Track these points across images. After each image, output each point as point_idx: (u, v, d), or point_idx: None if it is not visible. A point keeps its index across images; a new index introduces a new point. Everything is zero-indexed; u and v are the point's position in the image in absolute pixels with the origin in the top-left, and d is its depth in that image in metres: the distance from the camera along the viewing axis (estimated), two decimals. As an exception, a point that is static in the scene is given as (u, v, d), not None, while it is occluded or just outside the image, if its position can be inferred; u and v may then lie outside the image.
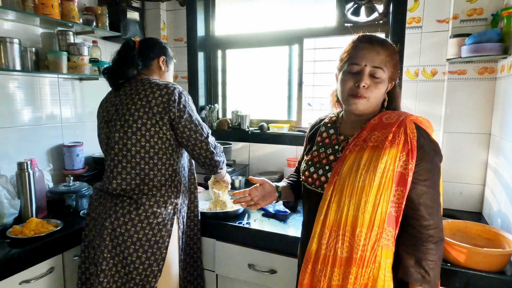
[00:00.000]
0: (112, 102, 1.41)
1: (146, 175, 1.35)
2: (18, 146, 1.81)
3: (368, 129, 1.02)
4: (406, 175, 0.94)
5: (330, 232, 0.99)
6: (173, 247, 1.41)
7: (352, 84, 1.00)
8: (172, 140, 1.37)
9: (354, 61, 1.00)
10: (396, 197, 0.96)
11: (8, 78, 1.75)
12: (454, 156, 1.76)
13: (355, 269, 0.95)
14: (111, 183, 1.35)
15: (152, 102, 1.31)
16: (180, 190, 1.44)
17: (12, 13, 1.62)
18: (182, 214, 1.46)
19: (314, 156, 1.13)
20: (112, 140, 1.36)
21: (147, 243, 1.32)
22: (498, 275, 1.17)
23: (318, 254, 1.01)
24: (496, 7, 1.60)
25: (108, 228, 1.31)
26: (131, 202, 1.33)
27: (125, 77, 1.39)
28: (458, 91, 1.72)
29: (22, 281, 1.34)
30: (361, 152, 0.99)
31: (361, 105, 1.01)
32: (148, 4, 2.47)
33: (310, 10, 2.29)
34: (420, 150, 0.95)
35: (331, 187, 1.01)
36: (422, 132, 0.98)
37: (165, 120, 1.33)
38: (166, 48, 1.52)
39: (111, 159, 1.37)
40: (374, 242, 0.95)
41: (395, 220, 0.97)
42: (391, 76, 1.02)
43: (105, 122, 1.41)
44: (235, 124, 2.45)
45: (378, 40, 1.01)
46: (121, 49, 1.45)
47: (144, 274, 1.33)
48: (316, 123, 1.23)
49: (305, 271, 1.03)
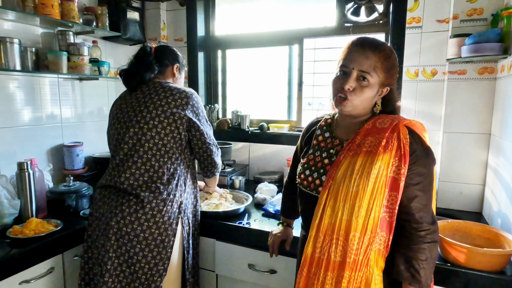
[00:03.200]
0: (127, 100, 1.46)
1: (155, 172, 1.37)
2: (18, 146, 1.81)
3: (362, 134, 1.02)
4: (399, 180, 0.95)
5: (325, 236, 1.01)
6: (176, 247, 1.42)
7: (339, 85, 1.02)
8: (184, 140, 1.43)
9: (344, 64, 1.02)
10: (389, 202, 0.97)
11: (8, 78, 1.75)
12: (454, 156, 1.76)
13: (348, 272, 0.96)
14: (120, 176, 1.37)
15: (172, 103, 1.40)
16: (185, 190, 1.46)
17: (12, 13, 1.62)
18: (187, 214, 1.47)
19: (310, 159, 1.14)
20: (126, 135, 1.40)
21: (153, 242, 1.33)
22: (498, 275, 1.17)
23: (313, 258, 1.03)
24: (496, 7, 1.60)
25: (114, 227, 1.32)
26: (137, 202, 1.34)
27: (142, 80, 1.46)
28: (458, 91, 1.72)
29: (22, 281, 1.34)
30: (355, 157, 1.00)
31: (345, 107, 1.02)
32: (148, 4, 2.47)
33: (310, 10, 2.29)
34: (412, 154, 0.96)
35: (325, 192, 1.02)
36: (415, 136, 0.99)
37: (184, 120, 1.41)
38: (179, 56, 1.62)
39: (123, 153, 1.40)
40: (367, 246, 0.96)
41: (389, 225, 0.98)
42: (383, 81, 1.02)
43: (117, 118, 1.45)
44: (235, 124, 2.45)
45: (371, 44, 1.01)
46: (139, 54, 1.52)
47: (149, 274, 1.33)
48: (312, 124, 1.24)
49: (301, 274, 1.05)
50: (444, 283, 1.22)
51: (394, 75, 1.05)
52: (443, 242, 1.25)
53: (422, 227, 0.98)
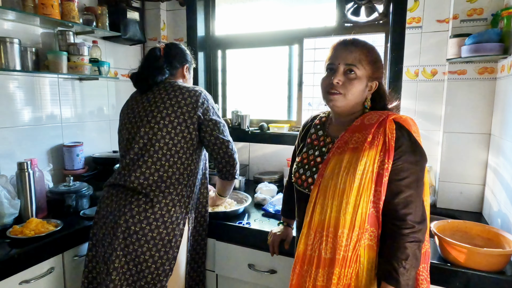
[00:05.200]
0: (138, 101, 1.47)
1: (165, 172, 1.37)
2: (18, 146, 1.81)
3: (350, 131, 1.03)
4: (383, 175, 0.95)
5: (315, 234, 1.01)
6: (182, 247, 1.42)
7: (328, 82, 1.03)
8: (195, 140, 1.43)
9: (330, 62, 1.05)
10: (376, 197, 0.97)
11: (8, 78, 1.75)
12: (454, 156, 1.76)
13: (338, 269, 0.96)
14: (130, 176, 1.37)
15: (182, 102, 1.40)
16: (194, 191, 1.46)
17: (12, 13, 1.62)
18: (192, 215, 1.48)
19: (304, 158, 1.15)
20: (137, 135, 1.40)
21: (160, 242, 1.33)
22: (498, 275, 1.17)
23: (305, 255, 1.03)
24: (496, 7, 1.60)
25: (122, 226, 1.32)
26: (146, 201, 1.34)
27: (153, 83, 1.46)
28: (458, 91, 1.72)
29: (22, 281, 1.34)
30: (342, 154, 1.01)
31: (337, 102, 1.02)
32: (148, 4, 2.47)
33: (310, 10, 2.29)
34: (398, 149, 0.96)
35: (316, 189, 1.03)
36: (404, 131, 0.99)
37: (194, 119, 1.40)
38: (187, 54, 1.59)
39: (134, 153, 1.40)
40: (355, 242, 0.96)
41: (377, 220, 0.98)
42: (370, 74, 1.03)
43: (128, 119, 1.46)
44: (235, 124, 2.45)
45: (352, 41, 1.05)
46: (148, 57, 1.51)
47: (155, 273, 1.33)
48: (307, 122, 1.25)
49: (294, 271, 1.05)
50: (444, 283, 1.22)
51: (380, 69, 1.07)
52: (443, 242, 1.25)
53: (405, 225, 0.96)
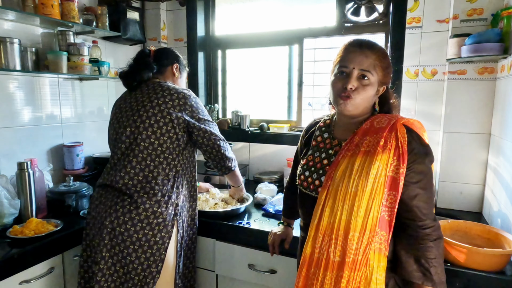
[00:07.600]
0: (127, 100, 1.47)
1: (150, 172, 1.37)
2: (18, 146, 1.81)
3: (360, 133, 1.03)
4: (398, 179, 0.96)
5: (324, 236, 1.01)
6: (171, 250, 1.41)
7: (340, 86, 1.02)
8: (181, 141, 1.42)
9: (343, 64, 1.03)
10: (388, 201, 0.97)
11: (8, 78, 1.75)
12: (454, 156, 1.76)
13: (347, 272, 0.96)
14: (115, 176, 1.37)
15: (169, 103, 1.39)
16: (181, 192, 1.45)
17: (12, 13, 1.62)
18: (182, 217, 1.46)
19: (309, 160, 1.14)
20: (124, 134, 1.40)
21: (146, 243, 1.32)
22: (498, 275, 1.17)
23: (312, 258, 1.03)
24: (496, 7, 1.60)
25: (108, 227, 1.32)
26: (131, 202, 1.34)
27: (141, 79, 1.47)
28: (458, 91, 1.72)
29: (22, 281, 1.34)
30: (353, 157, 1.00)
31: (349, 106, 1.02)
32: (148, 4, 2.47)
33: (310, 10, 2.29)
34: (411, 153, 0.97)
35: (324, 192, 1.02)
36: (414, 135, 0.99)
37: (181, 120, 1.40)
38: (179, 57, 1.62)
39: (121, 153, 1.40)
40: (366, 246, 0.96)
41: (388, 224, 0.98)
42: (381, 79, 1.03)
43: (116, 118, 1.46)
44: (235, 124, 2.45)
45: (368, 44, 1.03)
46: (137, 56, 1.54)
47: (142, 275, 1.33)
48: (311, 126, 1.25)
49: (300, 274, 1.05)
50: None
51: (390, 74, 1.07)
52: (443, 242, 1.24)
53: (427, 225, 0.98)
